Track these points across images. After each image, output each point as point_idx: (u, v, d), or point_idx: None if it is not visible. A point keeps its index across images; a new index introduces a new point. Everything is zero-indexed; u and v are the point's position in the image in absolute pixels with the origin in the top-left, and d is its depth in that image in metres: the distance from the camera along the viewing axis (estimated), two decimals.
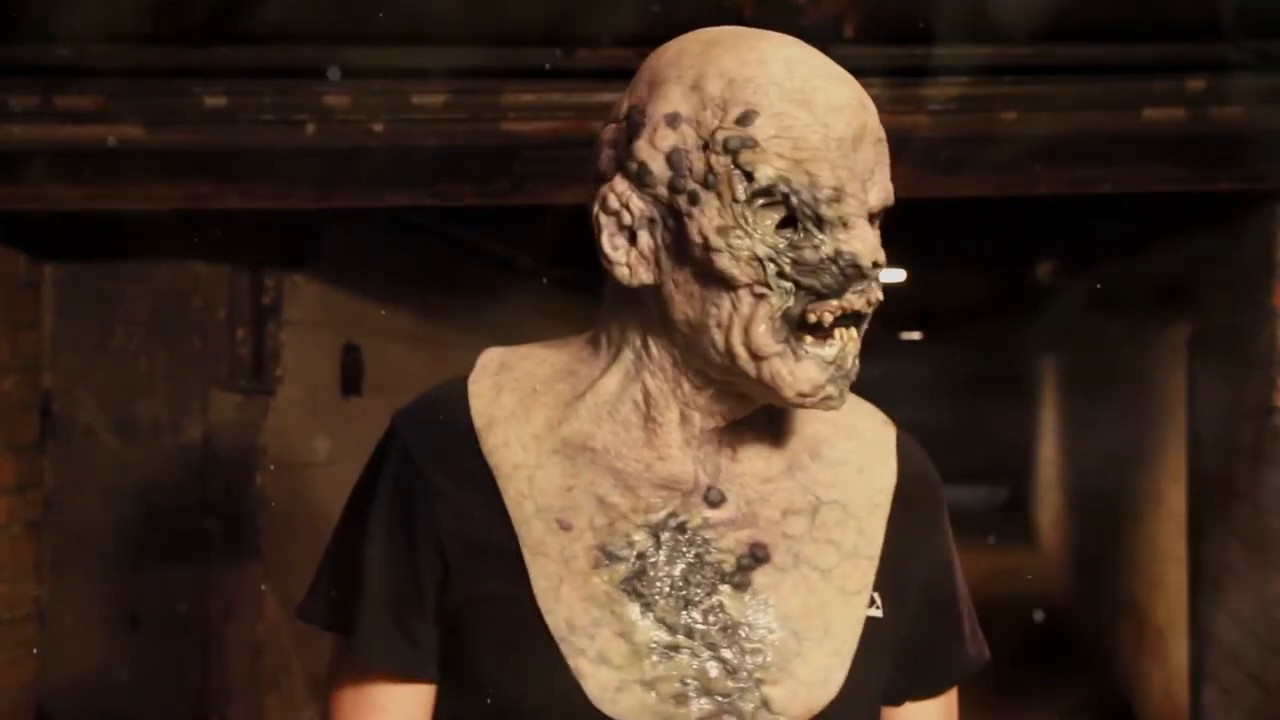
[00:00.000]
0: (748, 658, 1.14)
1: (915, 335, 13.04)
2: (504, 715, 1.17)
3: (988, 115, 2.68)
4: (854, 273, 1.09)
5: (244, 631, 3.40)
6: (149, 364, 3.27)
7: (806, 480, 1.20)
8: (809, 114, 1.09)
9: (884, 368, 2.13)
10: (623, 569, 1.16)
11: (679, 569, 1.16)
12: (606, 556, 1.16)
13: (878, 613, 1.19)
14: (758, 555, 1.16)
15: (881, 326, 1.30)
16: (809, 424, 1.22)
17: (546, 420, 1.19)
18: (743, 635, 1.15)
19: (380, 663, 1.21)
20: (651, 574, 1.15)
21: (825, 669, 1.15)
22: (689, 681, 1.14)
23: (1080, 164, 2.73)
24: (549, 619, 1.15)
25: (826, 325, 1.10)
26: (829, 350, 1.11)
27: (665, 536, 1.16)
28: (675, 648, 1.14)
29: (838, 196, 1.09)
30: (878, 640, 1.19)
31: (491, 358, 1.25)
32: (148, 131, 2.66)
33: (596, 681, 1.13)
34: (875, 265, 1.10)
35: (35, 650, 3.19)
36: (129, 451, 3.25)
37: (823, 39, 1.19)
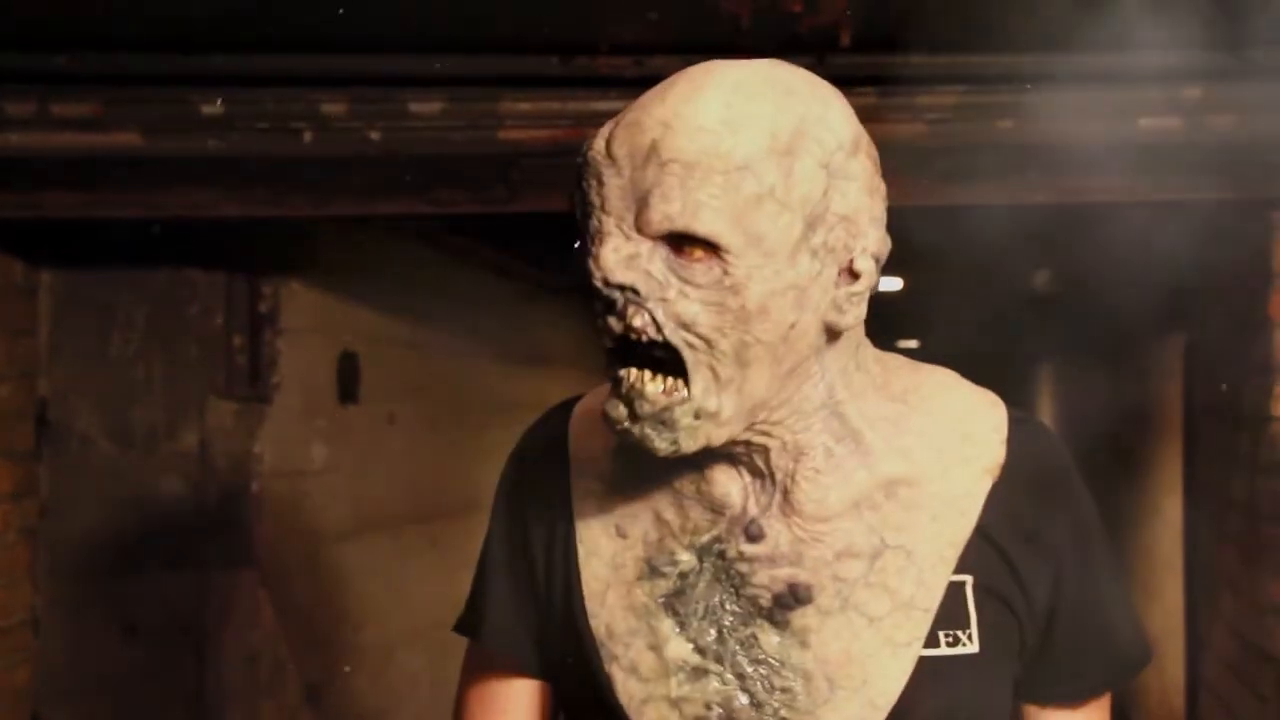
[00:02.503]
0: (776, 695, 1.13)
1: (911, 344, 13.05)
2: (574, 710, 1.24)
3: (984, 124, 2.68)
4: (591, 290, 1.06)
5: (240, 639, 3.39)
6: (145, 371, 3.27)
7: (875, 520, 1.16)
8: (608, 131, 1.08)
9: None
10: (664, 585, 1.17)
11: (716, 595, 1.16)
12: (651, 570, 1.17)
13: (965, 650, 1.15)
14: (799, 595, 1.14)
15: (878, 335, 1.29)
16: (887, 462, 1.17)
17: None
18: (773, 672, 1.14)
19: (501, 649, 1.28)
20: (690, 594, 1.16)
21: (856, 719, 1.13)
22: (713, 707, 1.14)
23: (1076, 173, 2.73)
24: (593, 621, 1.18)
25: (608, 348, 1.08)
26: (620, 387, 1.09)
27: (708, 561, 1.16)
28: (704, 671, 1.14)
29: (590, 211, 1.07)
30: (968, 678, 1.16)
31: None
32: (145, 139, 2.66)
33: (625, 690, 1.16)
34: (608, 283, 1.05)
35: (30, 657, 3.19)
36: (125, 459, 3.25)
37: (819, 48, 1.19)
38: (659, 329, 1.05)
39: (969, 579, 1.17)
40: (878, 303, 1.19)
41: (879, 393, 1.20)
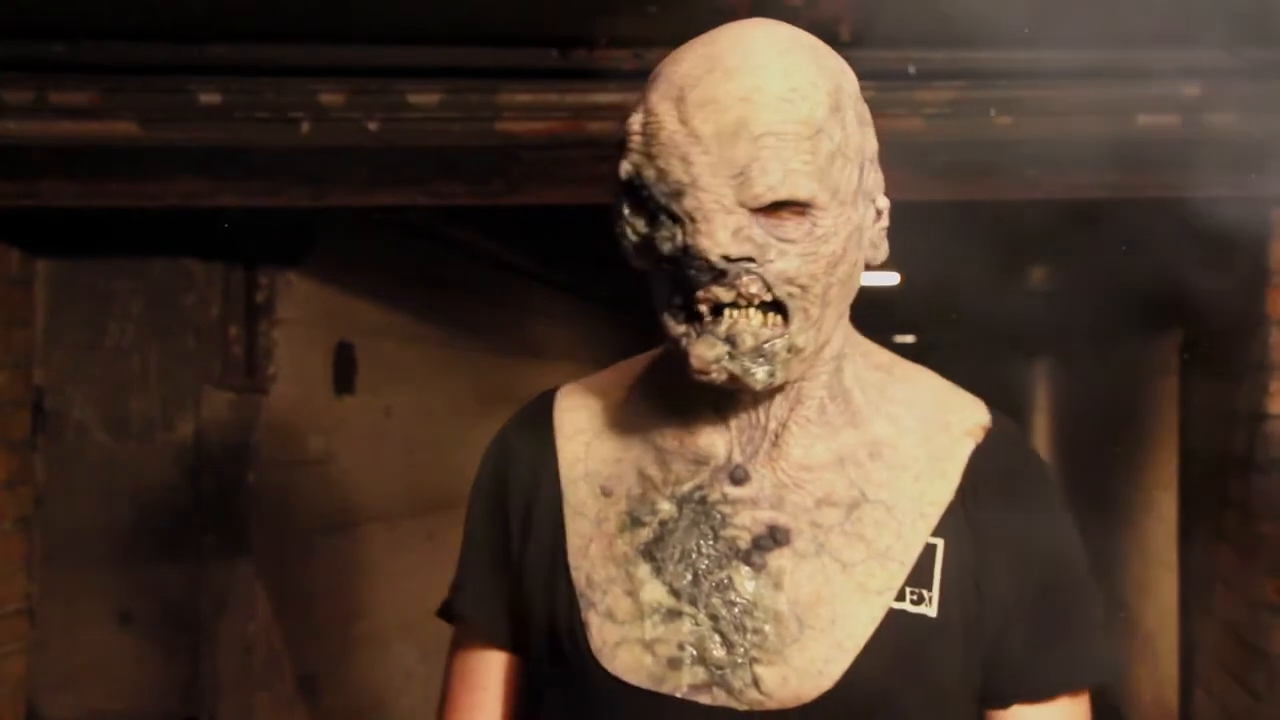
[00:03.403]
0: (748, 635, 1.16)
1: (908, 338, 13.05)
2: (544, 686, 1.26)
3: (982, 120, 2.68)
4: (702, 266, 1.11)
5: (235, 629, 3.39)
6: (141, 361, 3.27)
7: (857, 476, 1.21)
8: (674, 110, 1.11)
9: None
10: (644, 534, 1.21)
11: (694, 539, 1.19)
12: (633, 521, 1.22)
13: (926, 610, 1.18)
14: (777, 537, 1.18)
15: (875, 330, 1.31)
16: (874, 424, 1.24)
17: (617, 401, 1.29)
18: (745, 613, 1.17)
19: (472, 618, 1.32)
20: (668, 540, 1.20)
21: (823, 660, 1.16)
22: (686, 648, 1.17)
23: (1074, 169, 2.73)
24: (574, 574, 1.22)
25: (704, 315, 1.13)
26: (719, 328, 1.14)
27: (688, 508, 1.21)
28: (678, 613, 1.18)
29: (683, 190, 1.11)
30: (924, 639, 1.18)
31: None
32: (143, 128, 2.66)
33: (600, 635, 1.19)
34: (728, 259, 1.10)
35: (26, 647, 3.19)
36: (121, 448, 3.25)
37: None
38: (769, 289, 1.12)
39: (940, 543, 1.20)
40: (875, 298, 1.20)
41: (865, 358, 1.28)
